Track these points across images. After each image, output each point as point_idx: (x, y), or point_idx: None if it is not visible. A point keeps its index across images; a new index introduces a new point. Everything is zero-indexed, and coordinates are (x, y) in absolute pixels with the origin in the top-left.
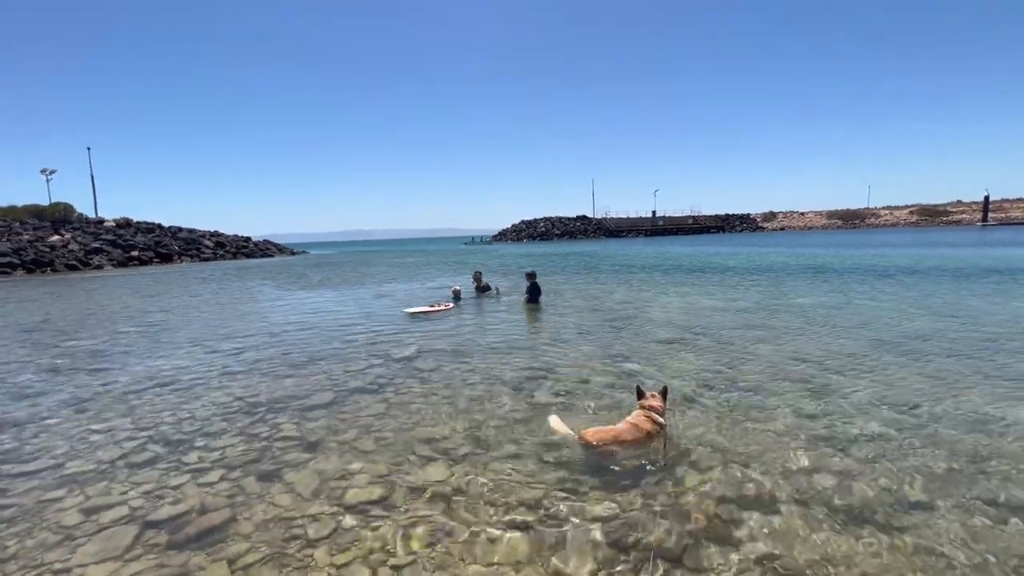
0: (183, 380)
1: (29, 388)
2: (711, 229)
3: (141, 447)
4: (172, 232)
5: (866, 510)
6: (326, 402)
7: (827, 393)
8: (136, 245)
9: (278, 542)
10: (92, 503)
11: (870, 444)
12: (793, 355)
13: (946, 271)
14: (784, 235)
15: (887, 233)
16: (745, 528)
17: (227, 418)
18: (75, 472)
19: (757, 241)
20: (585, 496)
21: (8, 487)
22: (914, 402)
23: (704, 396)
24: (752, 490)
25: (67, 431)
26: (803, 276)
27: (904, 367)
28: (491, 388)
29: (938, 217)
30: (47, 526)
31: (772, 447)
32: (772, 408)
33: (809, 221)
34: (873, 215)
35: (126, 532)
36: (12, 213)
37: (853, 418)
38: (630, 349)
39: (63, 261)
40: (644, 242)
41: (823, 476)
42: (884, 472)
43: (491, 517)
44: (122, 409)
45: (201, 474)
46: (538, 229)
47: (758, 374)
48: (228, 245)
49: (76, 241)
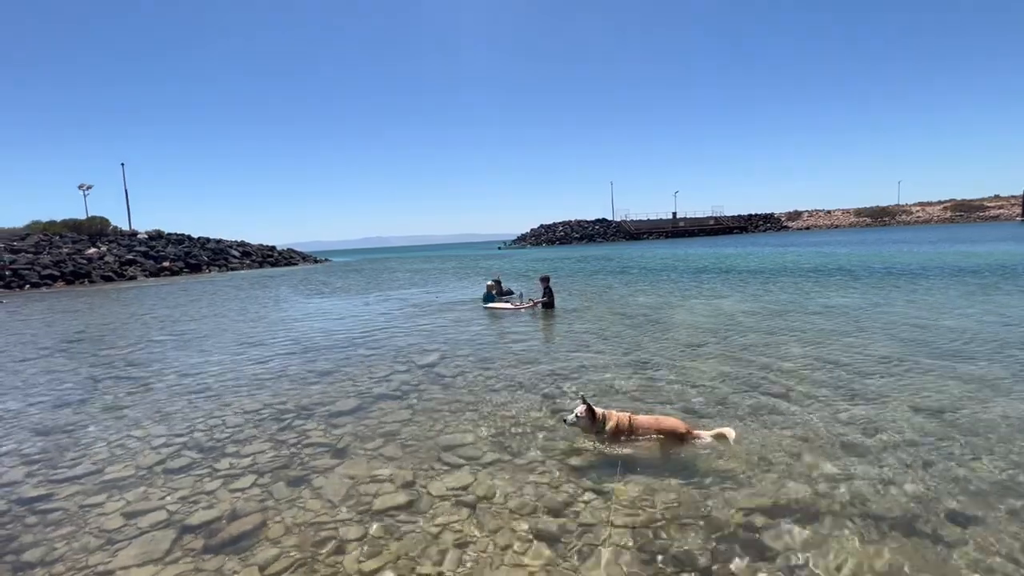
0: (214, 388)
1: (71, 396)
2: (733, 230)
3: (176, 453)
4: (201, 243)
5: (905, 519)
6: (352, 408)
7: (861, 398)
8: (167, 256)
9: (308, 547)
10: (132, 508)
11: (907, 451)
12: (824, 358)
13: (983, 270)
14: (809, 234)
15: (918, 230)
16: (777, 537)
17: (257, 425)
18: (115, 477)
19: (780, 241)
20: (611, 503)
21: (54, 491)
22: (953, 407)
23: (732, 401)
24: (784, 498)
25: (106, 437)
26: (831, 276)
27: (941, 370)
28: (514, 394)
29: (974, 213)
30: (90, 530)
31: (804, 453)
32: (803, 413)
33: (836, 220)
34: (904, 212)
35: (164, 536)
36: (52, 228)
37: (889, 424)
38: (654, 353)
39: (99, 272)
40: (665, 244)
41: (858, 484)
42: (923, 480)
43: (517, 524)
44: (157, 416)
45: (233, 480)
46: (557, 233)
47: (787, 378)
48: (254, 254)
49: (111, 253)
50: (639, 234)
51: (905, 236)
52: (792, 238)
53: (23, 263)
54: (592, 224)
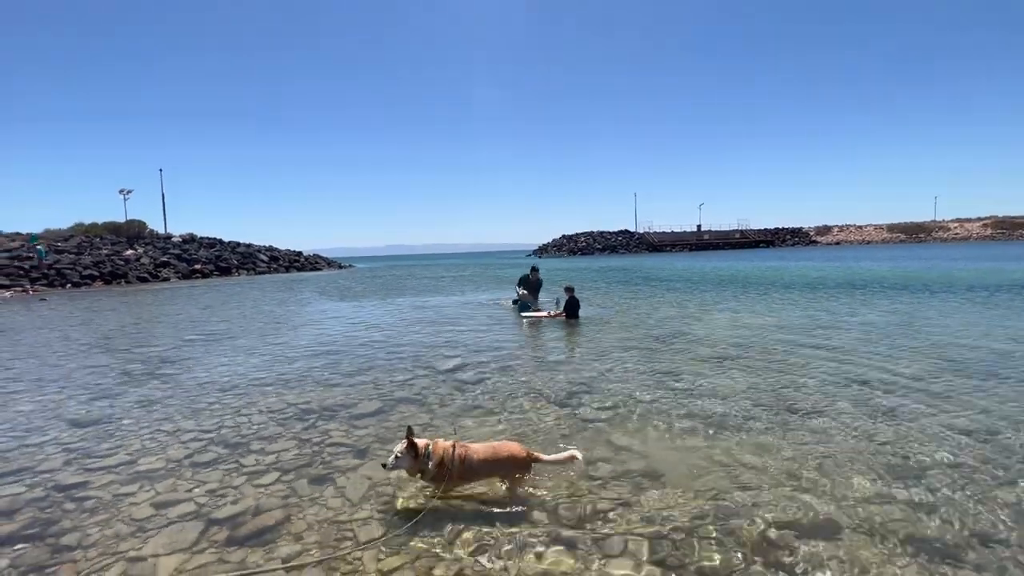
0: (241, 386)
1: (107, 390)
2: (759, 244)
3: (204, 448)
4: (231, 247)
5: (933, 541)
6: (373, 411)
7: (891, 417)
8: (199, 259)
9: (329, 544)
10: (162, 498)
11: (943, 473)
12: (852, 375)
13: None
14: (839, 249)
15: (957, 248)
16: (802, 557)
17: (281, 423)
18: (147, 469)
19: (810, 256)
20: (631, 512)
21: (89, 480)
22: (991, 429)
23: (757, 417)
24: (811, 517)
25: (139, 431)
26: (860, 291)
27: (977, 391)
28: (535, 402)
29: (1017, 231)
30: (122, 518)
31: (831, 473)
32: (831, 432)
33: (868, 235)
34: (941, 228)
35: (193, 527)
36: (94, 230)
37: (922, 445)
38: (676, 365)
39: (135, 273)
40: (689, 256)
41: (888, 504)
42: (960, 504)
43: (535, 529)
44: (187, 412)
45: (258, 476)
46: (579, 243)
47: (815, 395)
48: (281, 259)
49: (147, 255)
50: (662, 246)
51: (949, 253)
52: (822, 253)
53: (66, 263)
54: (615, 235)
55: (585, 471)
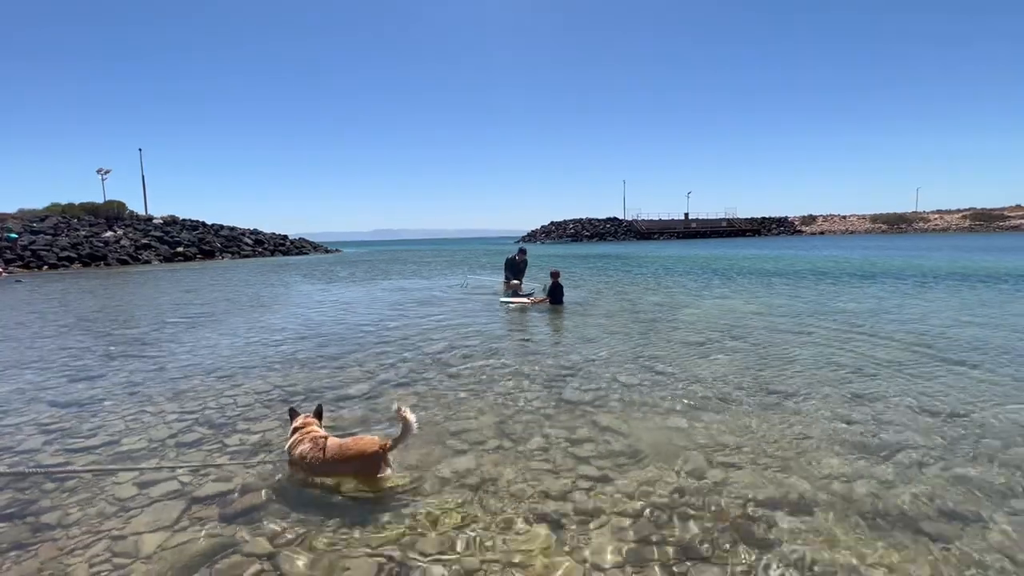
0: (225, 368)
1: (88, 371)
2: (746, 232)
3: (188, 428)
4: (215, 229)
5: (904, 517)
6: (360, 393)
7: (867, 399)
8: (181, 241)
9: (314, 523)
10: (145, 478)
11: (912, 452)
12: (832, 360)
13: (999, 277)
14: (824, 239)
15: (935, 238)
16: (778, 530)
17: (266, 405)
18: (130, 449)
19: (794, 244)
20: (613, 490)
21: (71, 460)
22: (960, 411)
23: (737, 398)
24: (789, 494)
25: (122, 411)
26: (844, 280)
27: (950, 375)
28: (520, 384)
29: (994, 222)
30: (105, 497)
31: (807, 451)
32: (808, 413)
33: (851, 225)
34: (922, 219)
35: (175, 506)
36: (71, 210)
37: (894, 425)
38: (660, 350)
39: (115, 256)
40: (676, 244)
41: (860, 481)
42: (927, 480)
43: (519, 507)
44: (170, 393)
45: (243, 455)
46: (568, 230)
47: (794, 378)
48: (267, 242)
49: (127, 237)
50: (650, 234)
51: (928, 243)
52: (807, 242)
53: (41, 244)
54: (603, 222)
55: (568, 448)
